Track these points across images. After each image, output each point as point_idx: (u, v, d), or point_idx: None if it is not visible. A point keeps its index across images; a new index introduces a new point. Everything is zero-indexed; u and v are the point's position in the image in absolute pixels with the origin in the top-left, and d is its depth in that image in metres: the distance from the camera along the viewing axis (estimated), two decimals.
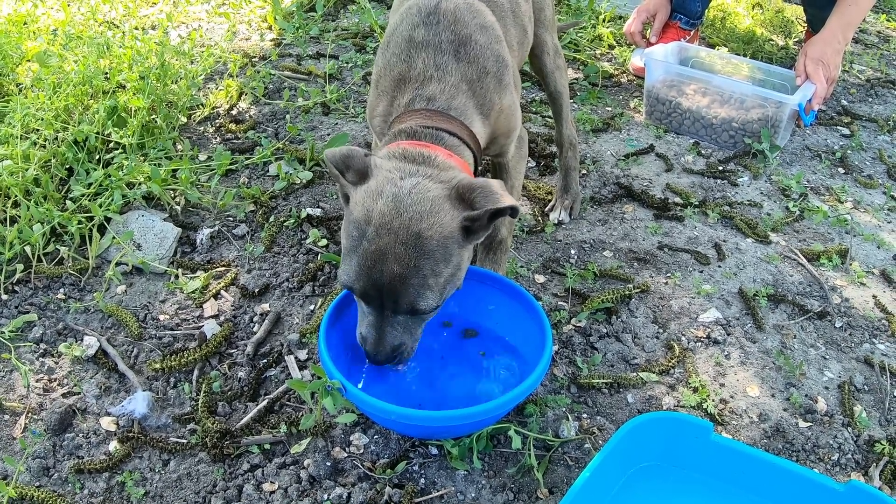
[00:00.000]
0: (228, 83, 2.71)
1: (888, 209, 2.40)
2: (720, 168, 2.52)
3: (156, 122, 2.31)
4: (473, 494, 1.46)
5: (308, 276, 1.94)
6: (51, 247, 1.95)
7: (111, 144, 2.19)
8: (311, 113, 2.65)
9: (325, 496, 1.43)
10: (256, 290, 1.90)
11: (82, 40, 2.53)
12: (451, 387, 1.64)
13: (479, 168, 1.55)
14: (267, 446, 1.54)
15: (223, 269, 1.98)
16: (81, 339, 1.76)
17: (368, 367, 1.59)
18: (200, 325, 1.81)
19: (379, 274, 1.29)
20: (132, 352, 1.74)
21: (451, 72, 1.49)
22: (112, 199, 2.00)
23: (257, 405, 1.61)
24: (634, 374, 1.72)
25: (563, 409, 1.63)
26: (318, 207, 2.19)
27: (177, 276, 1.93)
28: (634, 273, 2.02)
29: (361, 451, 1.53)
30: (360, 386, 1.55)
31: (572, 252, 2.09)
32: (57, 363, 1.71)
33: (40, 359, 1.72)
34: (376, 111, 1.58)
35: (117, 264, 1.93)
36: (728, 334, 1.85)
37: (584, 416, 1.62)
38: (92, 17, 2.99)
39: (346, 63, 3.00)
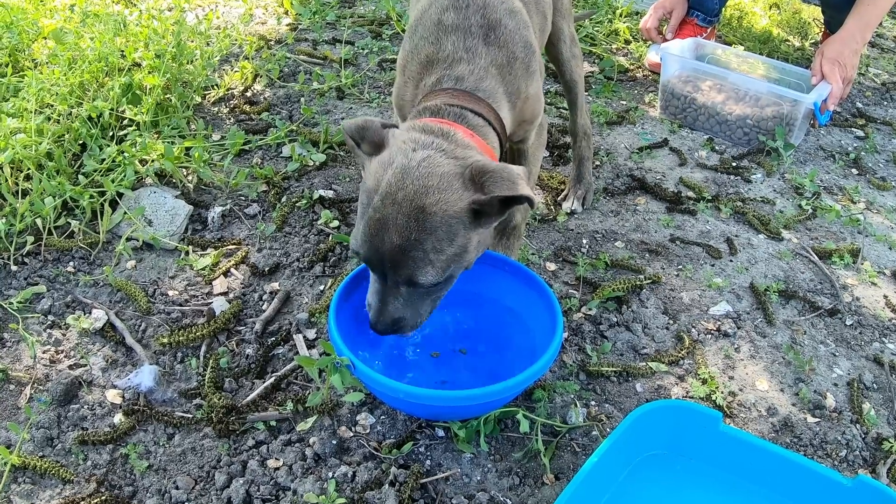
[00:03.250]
0: (244, 65, 2.70)
1: None
2: (734, 164, 2.51)
3: (170, 100, 2.31)
4: (479, 477, 1.45)
5: (319, 257, 1.93)
6: (62, 220, 1.95)
7: (125, 121, 2.18)
8: (325, 97, 2.65)
9: (330, 474, 1.43)
10: (266, 269, 1.89)
11: (99, 18, 2.53)
12: (461, 369, 1.63)
13: (503, 153, 1.53)
14: (273, 423, 1.53)
15: (234, 247, 1.97)
16: (89, 312, 1.75)
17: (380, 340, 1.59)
18: (209, 301, 1.81)
19: (381, 242, 1.29)
20: (140, 326, 1.74)
21: (480, 55, 1.47)
22: (124, 175, 2.00)
23: (264, 382, 1.61)
24: (644, 363, 1.71)
25: (572, 396, 1.62)
26: (330, 189, 2.18)
27: (187, 253, 1.93)
28: (646, 264, 2.01)
29: (368, 430, 1.53)
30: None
31: (584, 241, 2.08)
32: (64, 335, 1.71)
33: (48, 330, 1.72)
34: (405, 97, 1.56)
35: (128, 239, 1.92)
36: (738, 328, 1.84)
37: (593, 403, 1.61)
38: None
39: (362, 49, 3.00)
